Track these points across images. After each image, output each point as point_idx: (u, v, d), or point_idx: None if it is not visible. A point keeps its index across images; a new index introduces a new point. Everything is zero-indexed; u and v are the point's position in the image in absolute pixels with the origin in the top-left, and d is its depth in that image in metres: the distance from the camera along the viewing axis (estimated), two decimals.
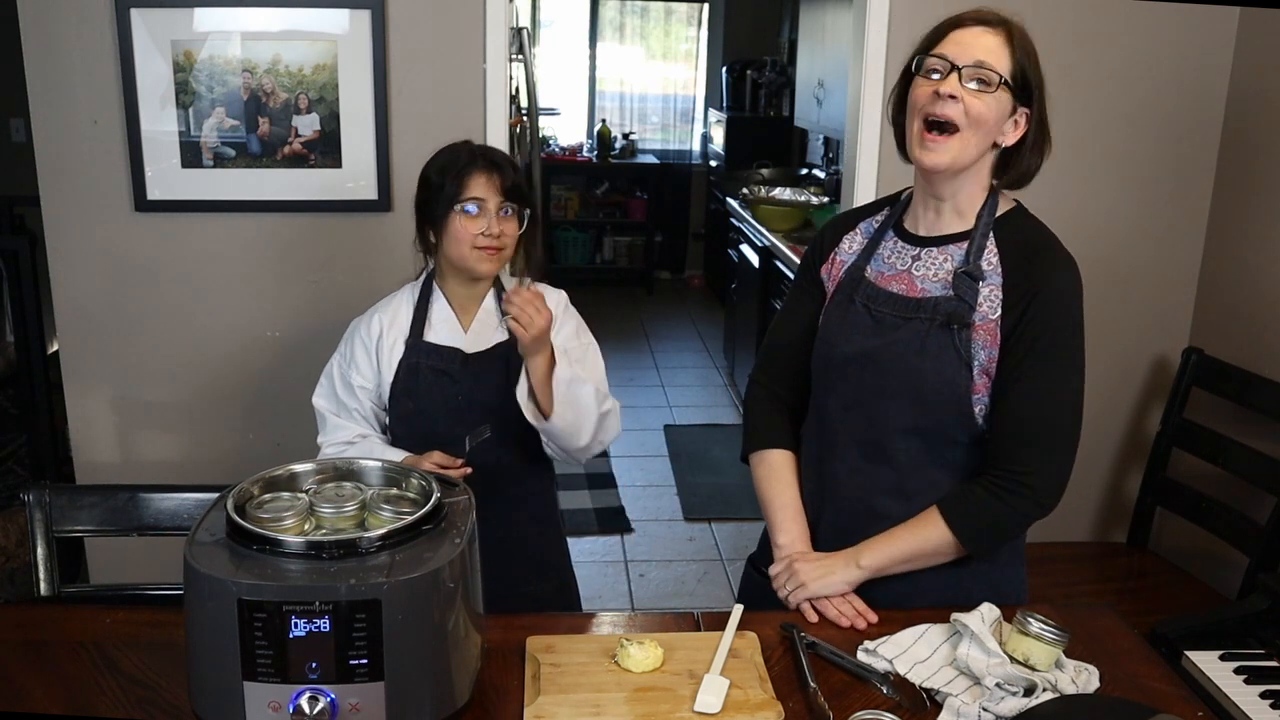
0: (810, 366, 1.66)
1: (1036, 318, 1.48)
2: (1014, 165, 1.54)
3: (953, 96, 1.46)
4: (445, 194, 1.81)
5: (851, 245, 1.67)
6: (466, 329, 1.90)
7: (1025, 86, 1.49)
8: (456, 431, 1.86)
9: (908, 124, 1.53)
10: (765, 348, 1.79)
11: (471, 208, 1.80)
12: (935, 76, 1.48)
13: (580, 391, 1.79)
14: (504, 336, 1.89)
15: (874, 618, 1.52)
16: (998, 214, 1.55)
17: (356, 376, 1.89)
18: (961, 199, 1.55)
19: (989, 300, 1.51)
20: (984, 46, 1.47)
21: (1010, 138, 1.52)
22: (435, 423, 1.87)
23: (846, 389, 1.59)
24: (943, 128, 1.48)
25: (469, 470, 1.73)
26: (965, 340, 1.50)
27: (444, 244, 1.84)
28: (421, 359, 1.87)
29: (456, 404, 1.86)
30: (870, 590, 1.57)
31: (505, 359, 1.87)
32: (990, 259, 1.52)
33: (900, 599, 1.55)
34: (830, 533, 1.63)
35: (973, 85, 1.46)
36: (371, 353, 1.89)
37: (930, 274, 1.55)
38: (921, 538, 1.54)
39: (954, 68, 1.47)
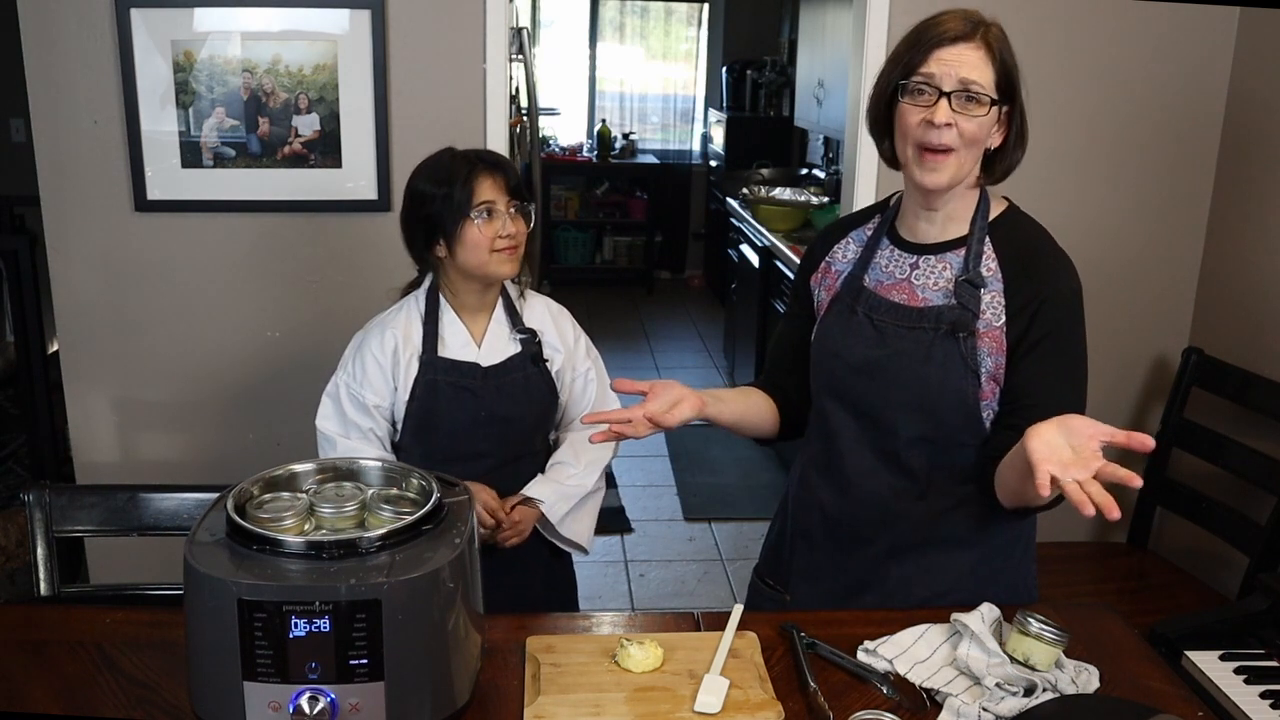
0: (810, 377, 1.66)
1: (1044, 323, 1.48)
2: (999, 162, 1.52)
3: (948, 124, 1.45)
4: (455, 203, 1.77)
5: (845, 254, 1.66)
6: (479, 342, 1.88)
7: (1008, 87, 1.47)
8: (477, 446, 1.87)
9: (899, 145, 1.52)
10: (766, 363, 1.80)
11: (487, 213, 1.78)
12: (923, 99, 1.46)
13: (576, 486, 2.00)
14: (518, 348, 1.89)
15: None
16: (991, 217, 1.55)
17: (370, 395, 1.85)
18: (955, 206, 1.55)
19: (992, 307, 1.50)
20: (968, 64, 1.44)
21: (996, 139, 1.50)
22: (456, 439, 1.86)
23: (853, 399, 1.59)
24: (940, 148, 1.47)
25: (509, 517, 1.89)
26: (971, 348, 1.50)
27: (459, 254, 1.81)
28: (440, 375, 1.84)
29: (478, 418, 1.85)
30: (893, 597, 1.58)
31: (522, 370, 1.88)
32: (989, 264, 1.52)
33: (924, 601, 1.56)
34: (848, 534, 1.63)
35: (963, 107, 1.45)
36: (386, 369, 1.85)
37: (930, 282, 1.54)
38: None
39: (942, 94, 1.45)
